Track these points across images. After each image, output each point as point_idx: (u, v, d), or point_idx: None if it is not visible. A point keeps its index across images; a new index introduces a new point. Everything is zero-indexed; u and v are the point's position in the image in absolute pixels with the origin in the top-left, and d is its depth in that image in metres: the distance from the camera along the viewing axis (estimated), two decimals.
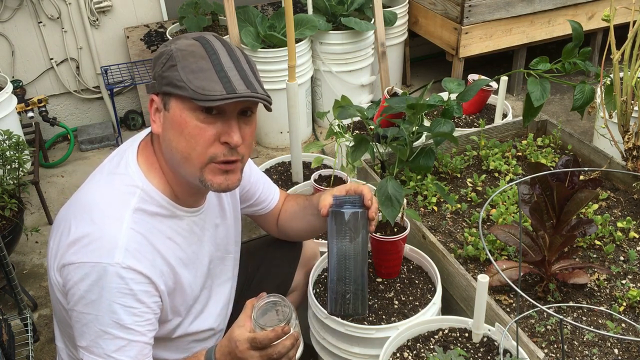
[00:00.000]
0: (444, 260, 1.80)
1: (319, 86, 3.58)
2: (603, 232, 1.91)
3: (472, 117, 2.78)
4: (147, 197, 1.26)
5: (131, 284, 1.19)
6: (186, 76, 1.18)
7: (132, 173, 1.27)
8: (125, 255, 1.18)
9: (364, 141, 1.99)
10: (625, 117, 2.09)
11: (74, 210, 1.25)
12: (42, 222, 2.95)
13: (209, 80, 1.17)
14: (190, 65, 1.19)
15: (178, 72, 1.18)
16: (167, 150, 1.26)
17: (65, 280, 1.21)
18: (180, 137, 1.21)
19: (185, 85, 1.17)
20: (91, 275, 1.17)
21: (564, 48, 2.18)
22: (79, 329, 1.21)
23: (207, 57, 1.20)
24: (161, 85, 1.22)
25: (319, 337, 1.71)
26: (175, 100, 1.20)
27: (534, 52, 3.64)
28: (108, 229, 1.19)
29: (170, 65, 1.20)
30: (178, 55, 1.20)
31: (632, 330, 1.60)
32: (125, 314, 1.18)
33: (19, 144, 2.50)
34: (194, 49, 1.21)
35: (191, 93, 1.16)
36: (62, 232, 1.23)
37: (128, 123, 3.74)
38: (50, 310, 2.45)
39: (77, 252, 1.18)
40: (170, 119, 1.22)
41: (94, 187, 1.28)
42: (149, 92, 1.28)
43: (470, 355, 1.51)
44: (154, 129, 1.27)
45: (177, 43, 1.23)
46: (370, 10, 3.49)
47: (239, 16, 3.26)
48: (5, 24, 3.31)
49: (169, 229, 1.30)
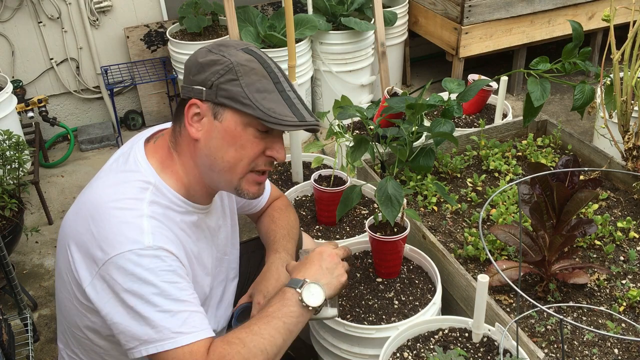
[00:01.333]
0: (444, 260, 1.80)
1: (319, 86, 3.58)
2: (603, 232, 1.91)
3: (472, 117, 2.78)
4: (158, 192, 1.28)
5: (168, 261, 1.20)
6: (252, 95, 1.22)
7: (143, 170, 1.29)
8: (154, 238, 1.20)
9: (363, 141, 1.99)
10: (625, 117, 2.09)
11: (89, 214, 1.23)
12: (42, 222, 2.95)
13: (276, 103, 1.23)
14: (254, 83, 1.23)
15: (242, 89, 1.22)
16: (207, 157, 1.28)
17: (101, 288, 1.19)
18: (230, 147, 1.26)
19: (251, 104, 1.22)
20: (129, 265, 1.17)
21: (564, 48, 2.18)
22: (133, 326, 1.18)
23: (268, 77, 1.25)
24: (217, 95, 1.23)
25: (319, 337, 1.71)
26: (232, 113, 1.24)
27: (534, 52, 3.64)
28: (130, 219, 1.20)
29: (231, 79, 1.22)
30: (240, 70, 1.23)
31: (632, 330, 1.60)
32: (174, 289, 1.20)
33: (19, 144, 2.50)
34: (254, 65, 1.24)
35: (262, 114, 1.22)
36: (85, 240, 1.21)
37: (128, 123, 3.74)
38: (50, 310, 2.45)
39: (107, 249, 1.18)
40: (222, 130, 1.25)
41: (105, 186, 1.28)
42: (192, 96, 1.25)
43: (470, 355, 1.51)
44: (192, 133, 1.27)
45: (232, 54, 1.25)
46: (370, 10, 3.49)
47: (239, 16, 3.26)
48: (5, 24, 3.31)
49: (181, 222, 1.32)
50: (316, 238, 1.99)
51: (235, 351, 1.20)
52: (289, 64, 2.20)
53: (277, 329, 1.25)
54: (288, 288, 1.32)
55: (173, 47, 3.42)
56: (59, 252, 1.34)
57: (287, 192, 2.18)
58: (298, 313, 1.28)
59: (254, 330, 1.24)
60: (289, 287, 1.32)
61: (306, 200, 2.21)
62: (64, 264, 1.29)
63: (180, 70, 3.42)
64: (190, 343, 1.18)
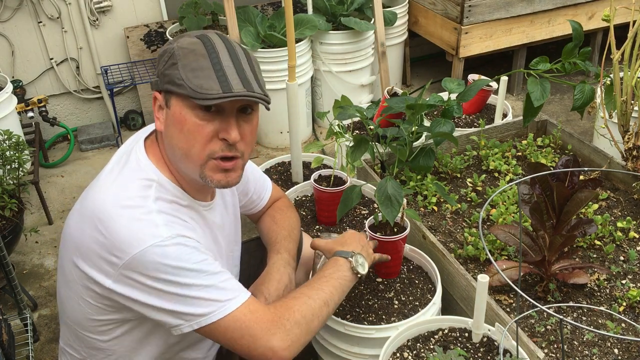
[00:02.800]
0: (444, 260, 1.80)
1: (319, 86, 3.58)
2: (603, 232, 1.91)
3: (472, 117, 2.78)
4: (162, 188, 1.28)
5: (189, 243, 1.23)
6: (185, 74, 1.20)
7: (144, 167, 1.29)
8: (169, 229, 1.21)
9: (363, 141, 1.99)
10: (625, 117, 2.09)
11: (95, 217, 1.22)
12: (42, 222, 2.95)
13: (207, 79, 1.20)
14: (190, 63, 1.21)
15: (178, 71, 1.21)
16: (168, 147, 1.29)
17: (126, 283, 1.20)
18: (180, 134, 1.24)
19: (184, 83, 1.20)
20: (156, 259, 1.18)
21: (564, 48, 2.18)
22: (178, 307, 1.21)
23: (207, 56, 1.22)
24: (163, 83, 1.24)
25: (319, 337, 1.71)
26: (175, 98, 1.23)
27: (534, 52, 3.64)
28: (140, 217, 1.21)
29: (172, 63, 1.22)
30: (179, 54, 1.22)
31: (632, 330, 1.60)
32: (205, 265, 1.23)
33: (19, 144, 2.50)
34: (195, 47, 1.23)
35: (189, 91, 1.19)
36: (97, 244, 1.21)
37: (128, 123, 3.74)
38: (50, 310, 2.45)
39: (126, 249, 1.18)
40: (172, 117, 1.24)
41: (108, 187, 1.27)
42: (152, 89, 1.29)
43: (470, 355, 1.51)
44: (157, 126, 1.30)
45: (179, 41, 1.25)
46: (370, 10, 3.49)
47: (239, 16, 3.26)
48: (5, 24, 3.31)
49: (187, 216, 1.32)
50: (316, 238, 1.99)
51: (302, 302, 1.33)
52: (289, 64, 2.20)
53: (335, 287, 1.42)
54: (339, 258, 1.50)
55: None
56: (63, 261, 1.32)
57: (287, 192, 2.18)
58: (350, 278, 1.48)
59: (315, 287, 1.40)
60: (340, 257, 1.50)
61: (306, 200, 2.21)
62: (69, 267, 1.29)
63: None
64: (242, 303, 1.25)
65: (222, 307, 1.23)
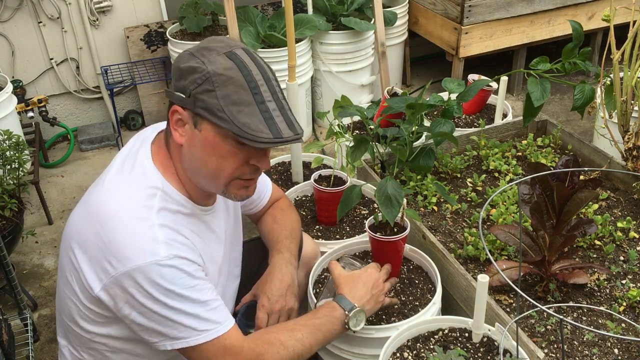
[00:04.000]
0: (444, 260, 1.80)
1: (319, 86, 3.58)
2: (603, 232, 1.91)
3: (472, 117, 2.78)
4: (167, 196, 1.28)
5: (185, 268, 1.23)
6: (228, 108, 1.18)
7: (150, 174, 1.28)
8: (168, 248, 1.21)
9: (363, 141, 1.99)
10: (625, 117, 2.09)
11: (98, 220, 1.23)
12: (42, 222, 2.95)
13: (252, 117, 1.19)
14: (231, 95, 1.18)
15: (218, 101, 1.18)
16: (191, 164, 1.28)
17: (114, 293, 1.21)
18: (210, 157, 1.24)
19: (227, 118, 1.18)
20: (145, 276, 1.18)
21: (564, 48, 2.18)
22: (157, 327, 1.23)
23: (247, 87, 1.19)
24: (195, 105, 1.21)
25: None
26: (209, 124, 1.21)
27: (534, 52, 3.64)
28: (142, 230, 1.21)
29: (207, 89, 1.19)
30: (217, 81, 1.18)
31: (632, 330, 1.60)
32: (194, 292, 1.24)
33: (19, 144, 2.50)
34: (232, 74, 1.19)
35: (235, 129, 1.18)
36: (93, 247, 1.22)
37: (128, 123, 3.74)
38: (50, 310, 2.45)
39: (122, 261, 1.19)
40: (202, 139, 1.23)
41: (113, 192, 1.27)
42: (174, 102, 1.25)
43: (470, 355, 1.51)
44: (177, 138, 1.27)
45: (212, 63, 1.20)
46: (370, 10, 3.49)
47: (239, 16, 3.26)
48: (5, 24, 3.31)
49: (190, 225, 1.32)
50: (316, 238, 1.99)
51: (274, 351, 1.32)
52: (289, 64, 2.20)
53: (317, 341, 1.40)
54: (338, 307, 1.46)
55: (173, 47, 3.42)
56: (62, 251, 1.33)
57: (287, 192, 2.18)
58: (339, 331, 1.46)
59: (297, 337, 1.37)
60: (340, 306, 1.46)
61: (306, 200, 2.21)
62: (67, 263, 1.29)
63: None
64: (218, 336, 1.26)
65: (197, 336, 1.25)
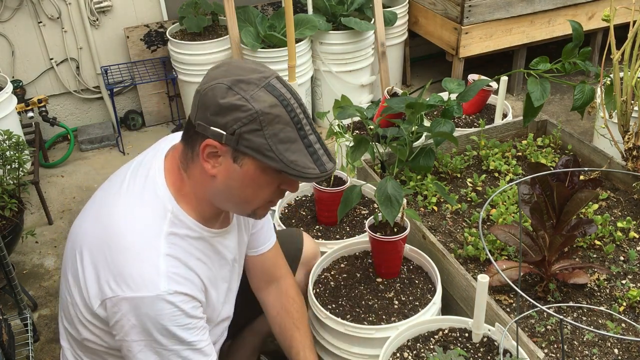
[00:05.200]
0: (444, 260, 1.80)
1: (319, 86, 3.58)
2: (603, 232, 1.91)
3: (472, 117, 2.78)
4: (177, 220, 1.27)
5: (181, 305, 1.23)
6: (276, 147, 1.18)
7: (161, 195, 1.27)
8: (169, 282, 1.21)
9: (364, 141, 1.99)
10: (625, 117, 2.09)
11: (106, 237, 1.24)
12: (42, 222, 2.95)
13: (299, 154, 1.20)
14: (278, 134, 1.18)
15: (266, 141, 1.17)
16: (223, 192, 1.27)
17: (110, 312, 1.22)
18: (247, 188, 1.25)
19: (276, 157, 1.18)
20: (142, 307, 1.19)
21: (564, 48, 2.18)
22: (138, 355, 1.24)
23: (291, 124, 1.20)
24: (238, 144, 1.19)
25: (319, 337, 1.71)
26: (253, 161, 1.20)
27: (534, 52, 3.63)
28: (147, 259, 1.21)
29: (254, 129, 1.17)
30: (264, 120, 1.17)
31: (632, 330, 1.60)
32: (183, 331, 1.24)
33: (19, 144, 2.50)
34: (278, 112, 1.18)
35: (286, 168, 1.19)
36: (98, 262, 1.23)
37: (128, 123, 3.74)
38: (50, 310, 2.45)
39: (121, 285, 1.19)
40: (242, 173, 1.22)
41: (125, 212, 1.26)
42: (207, 134, 1.20)
43: (470, 355, 1.51)
44: (209, 170, 1.23)
45: (255, 97, 1.17)
46: (370, 10, 3.49)
47: (239, 16, 3.26)
48: (5, 24, 3.31)
49: (197, 251, 1.32)
50: (316, 238, 1.99)
51: None
52: (289, 64, 2.21)
53: None
54: None
55: (173, 47, 3.42)
56: (68, 255, 1.33)
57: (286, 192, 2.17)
58: None
59: None
60: None
61: (306, 200, 2.21)
62: (72, 269, 1.29)
63: (181, 70, 3.42)
64: None
65: None
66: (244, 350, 1.89)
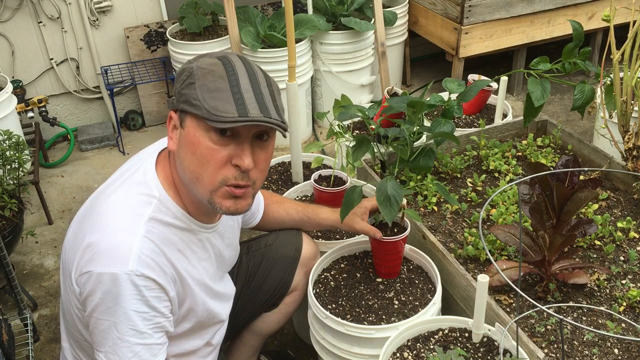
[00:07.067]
0: (444, 260, 1.80)
1: (319, 86, 3.58)
2: (603, 232, 1.91)
3: (472, 117, 2.78)
4: (163, 207, 1.27)
5: (144, 291, 1.20)
6: (202, 95, 1.17)
7: (150, 182, 1.28)
8: (138, 263, 1.19)
9: (365, 141, 1.99)
10: (625, 117, 2.09)
11: (91, 217, 1.26)
12: (42, 222, 2.95)
13: (223, 101, 1.16)
14: (208, 84, 1.17)
15: (195, 91, 1.17)
16: (180, 168, 1.26)
17: (83, 289, 1.22)
18: (192, 156, 1.20)
19: (200, 104, 1.16)
20: (106, 283, 1.18)
21: (564, 48, 2.18)
22: (98, 335, 1.23)
23: (225, 77, 1.18)
24: (179, 102, 1.21)
25: (319, 337, 1.71)
26: (190, 118, 1.20)
27: (534, 52, 3.64)
28: (122, 237, 1.21)
29: (189, 82, 1.19)
30: (198, 74, 1.19)
31: (632, 330, 1.60)
32: (139, 319, 1.21)
33: (19, 144, 2.50)
34: (214, 68, 1.19)
35: (204, 113, 1.16)
36: (77, 239, 1.24)
37: (128, 123, 3.74)
38: (50, 310, 2.45)
39: (93, 261, 1.19)
40: (185, 137, 1.21)
41: (111, 195, 1.28)
42: (169, 108, 1.27)
43: (470, 355, 1.51)
44: (170, 146, 1.26)
45: (199, 61, 1.22)
46: (370, 10, 3.49)
47: (239, 16, 3.26)
48: (5, 24, 3.31)
49: (180, 242, 1.31)
50: (316, 238, 1.99)
51: None
52: (289, 64, 2.20)
53: None
54: None
55: (173, 47, 3.42)
56: (64, 254, 1.34)
57: (287, 192, 2.18)
58: None
59: None
60: None
61: (306, 200, 2.21)
62: (66, 280, 1.30)
63: None
64: None
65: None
66: (244, 351, 1.89)
